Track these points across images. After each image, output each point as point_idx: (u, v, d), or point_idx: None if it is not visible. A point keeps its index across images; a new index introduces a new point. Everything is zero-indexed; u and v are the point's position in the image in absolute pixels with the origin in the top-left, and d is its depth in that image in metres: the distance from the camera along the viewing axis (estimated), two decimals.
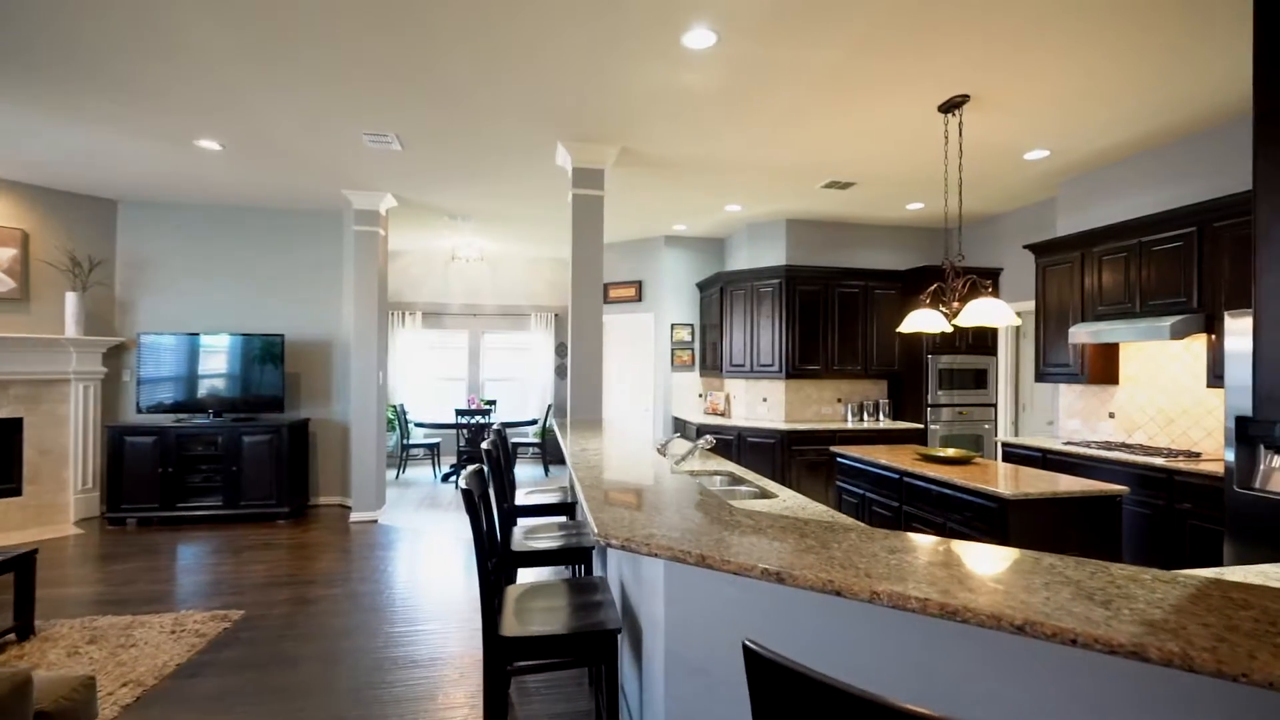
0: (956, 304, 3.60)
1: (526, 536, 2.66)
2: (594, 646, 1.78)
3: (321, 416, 6.19)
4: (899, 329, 3.90)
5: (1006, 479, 3.04)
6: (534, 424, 7.81)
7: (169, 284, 5.94)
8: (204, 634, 3.23)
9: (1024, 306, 5.63)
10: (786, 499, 2.56)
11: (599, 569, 2.94)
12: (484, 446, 2.56)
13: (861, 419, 6.27)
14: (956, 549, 1.28)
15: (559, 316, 8.97)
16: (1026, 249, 5.00)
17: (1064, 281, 4.64)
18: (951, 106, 3.57)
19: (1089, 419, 4.73)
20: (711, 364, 6.86)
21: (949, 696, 1.20)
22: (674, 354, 7.19)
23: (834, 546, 1.28)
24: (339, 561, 4.47)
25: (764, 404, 6.49)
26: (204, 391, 5.75)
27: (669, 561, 1.44)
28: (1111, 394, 4.55)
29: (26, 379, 5.14)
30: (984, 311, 3.24)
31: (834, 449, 4.25)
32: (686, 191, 5.40)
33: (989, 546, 1.29)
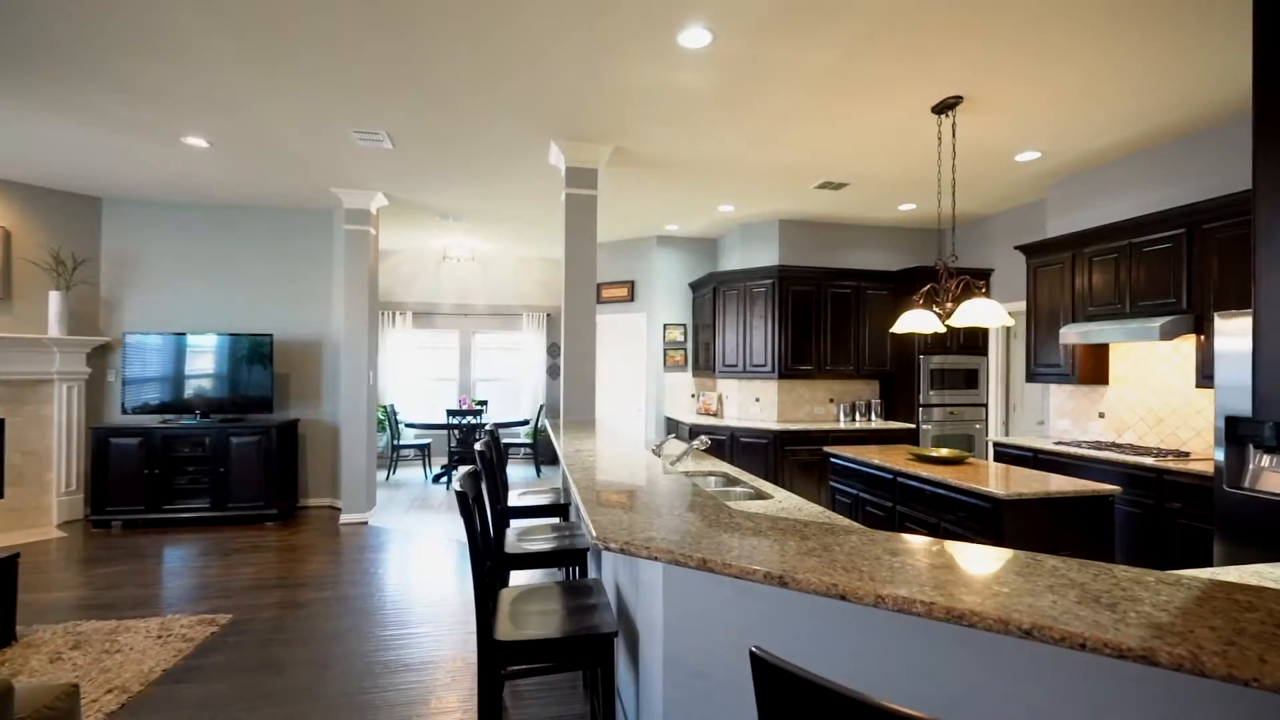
0: (950, 304, 3.61)
1: (520, 539, 2.64)
2: (590, 650, 1.76)
3: (311, 417, 6.12)
4: (892, 329, 3.91)
5: (1000, 479, 3.05)
6: (526, 424, 7.77)
7: (155, 283, 5.85)
8: (191, 638, 3.17)
9: (1014, 307, 5.67)
10: (782, 500, 2.55)
11: (594, 571, 2.92)
12: (477, 448, 2.53)
13: (854, 419, 6.28)
14: (958, 551, 1.27)
15: (551, 316, 8.94)
16: (1017, 250, 5.03)
17: (1055, 282, 4.67)
18: (945, 108, 3.58)
19: (1079, 419, 4.76)
20: (704, 364, 6.85)
21: (951, 699, 1.19)
22: (666, 354, 7.18)
23: (836, 549, 1.27)
24: (329, 564, 4.42)
25: (757, 404, 6.49)
26: (191, 392, 5.66)
27: (668, 565, 1.42)
28: (1101, 394, 4.59)
29: (8, 379, 5.05)
30: (977, 312, 3.25)
31: (828, 449, 4.25)
32: (680, 192, 5.39)
33: (990, 548, 1.28)
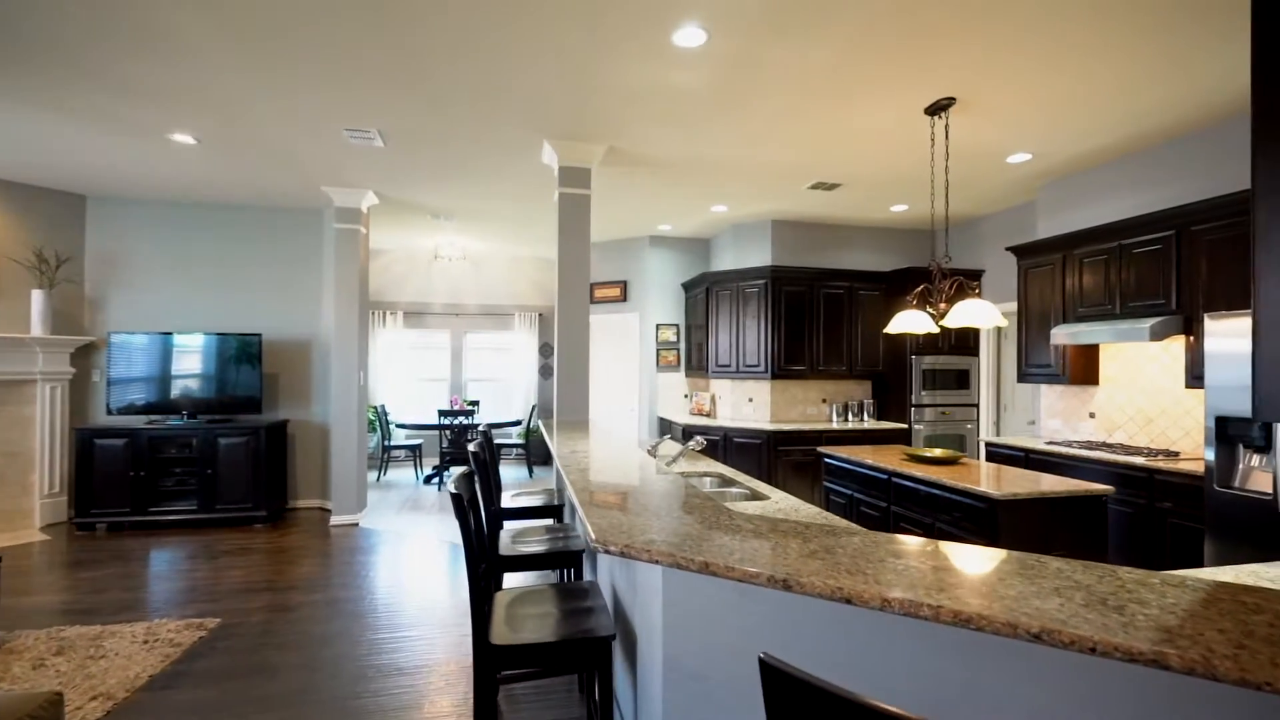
0: (944, 305, 3.62)
1: (514, 540, 2.61)
2: (587, 653, 1.74)
3: (301, 418, 6.06)
4: (885, 329, 3.91)
5: (994, 479, 3.06)
6: (518, 425, 7.73)
7: (141, 282, 5.76)
8: (178, 643, 3.12)
9: (1005, 308, 5.70)
10: (779, 501, 2.54)
11: (589, 573, 2.89)
12: (471, 449, 2.51)
13: (846, 419, 6.30)
14: (961, 552, 1.26)
15: (543, 316, 8.90)
16: (1008, 251, 5.05)
17: (1045, 283, 4.70)
18: (938, 109, 3.58)
19: (1070, 419, 4.80)
20: (697, 364, 6.84)
21: (952, 699, 1.18)
22: (659, 354, 7.16)
23: (838, 552, 1.25)
24: (319, 566, 4.37)
25: (749, 404, 6.49)
26: (178, 392, 5.58)
27: (668, 567, 1.41)
28: (1092, 394, 4.62)
29: None
30: (971, 312, 3.26)
31: (822, 449, 4.25)
32: (673, 191, 5.37)
33: (993, 550, 1.28)
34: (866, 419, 6.34)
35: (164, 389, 5.55)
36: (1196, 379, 3.63)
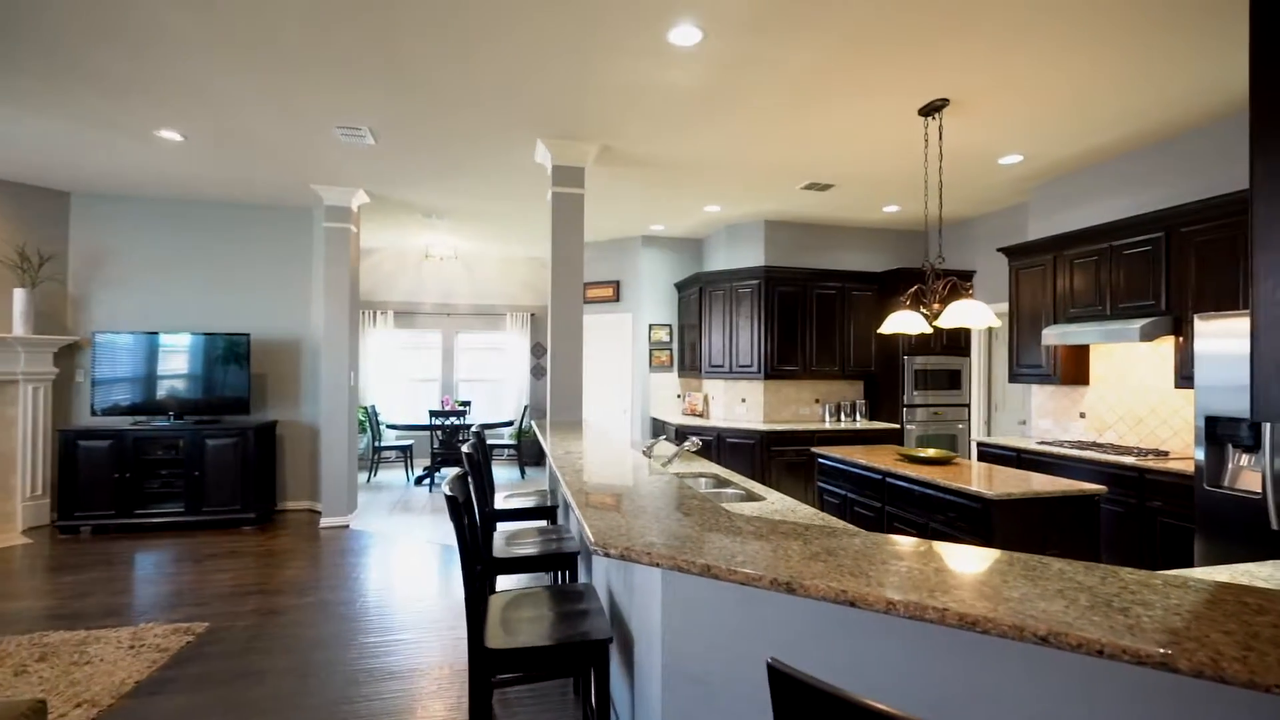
0: (937, 305, 3.63)
1: (509, 542, 2.59)
2: (584, 657, 1.72)
3: (290, 418, 5.99)
4: (879, 330, 3.92)
5: (989, 479, 3.07)
6: (510, 425, 7.69)
7: (126, 281, 5.67)
8: (165, 648, 3.06)
9: (997, 308, 5.73)
10: (775, 502, 2.53)
11: (584, 575, 2.87)
12: (465, 450, 2.48)
13: (839, 419, 6.31)
14: (962, 554, 1.25)
15: (535, 316, 8.86)
16: (1000, 252, 5.08)
17: (1036, 284, 4.73)
18: (931, 110, 3.59)
19: (1061, 419, 4.83)
20: (690, 365, 6.84)
21: (956, 703, 1.17)
22: (652, 354, 7.15)
23: (840, 554, 1.24)
24: (309, 569, 4.31)
25: (742, 404, 6.49)
26: (164, 393, 5.50)
27: (667, 570, 1.39)
28: (1082, 394, 4.65)
29: None
30: (965, 313, 3.27)
31: (815, 450, 4.25)
32: (666, 191, 5.36)
33: (993, 551, 1.27)
34: (859, 419, 6.36)
35: (150, 389, 5.47)
36: (1186, 379, 3.67)
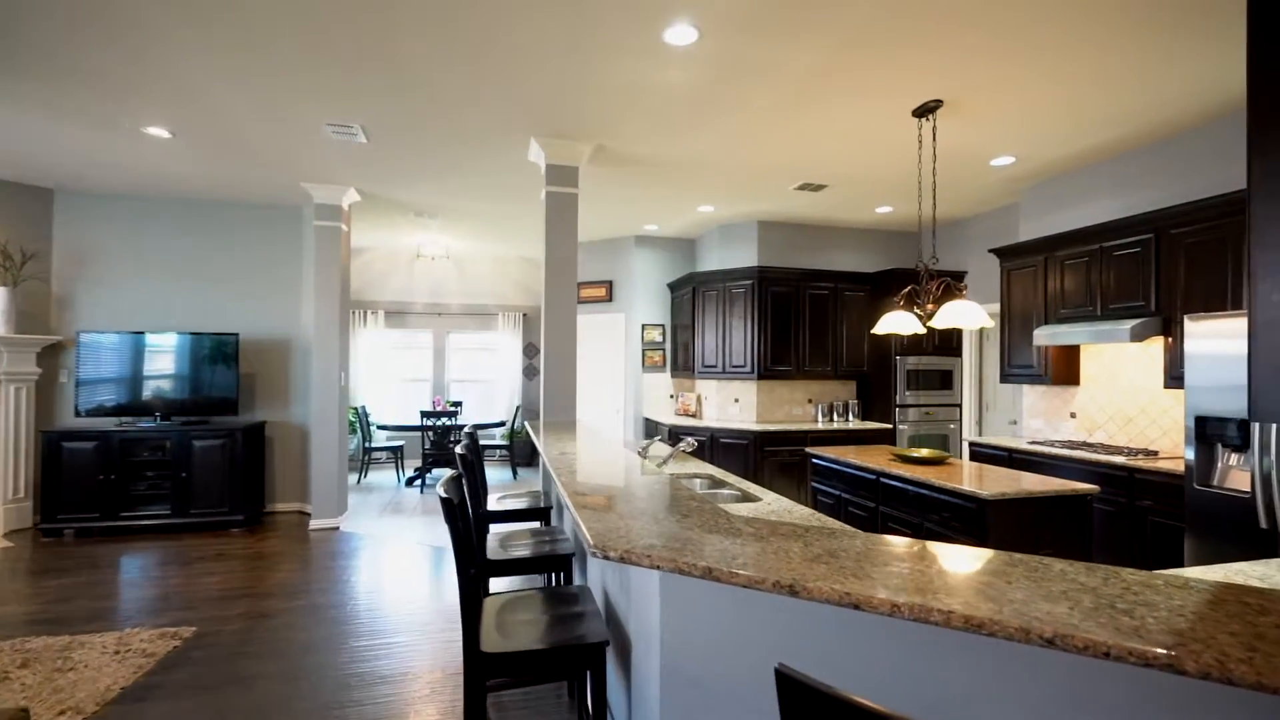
0: (931, 306, 3.64)
1: (502, 544, 2.57)
2: (581, 660, 1.70)
3: (279, 419, 5.92)
4: (873, 330, 3.92)
5: (982, 479, 3.08)
6: (502, 426, 7.64)
7: (111, 280, 5.58)
8: (151, 654, 3.01)
9: (988, 309, 5.76)
10: (770, 502, 2.52)
11: (578, 576, 2.85)
12: (458, 450, 2.45)
13: (832, 419, 6.32)
14: (963, 555, 1.25)
15: (528, 316, 8.82)
16: (991, 253, 5.11)
17: (1028, 285, 4.76)
18: (925, 111, 3.60)
19: (1052, 419, 4.86)
20: (683, 365, 6.83)
21: (958, 703, 1.16)
22: (645, 355, 7.13)
23: (842, 556, 1.23)
24: (298, 572, 4.26)
25: (736, 405, 6.49)
26: (150, 393, 5.42)
27: (666, 572, 1.37)
28: (1073, 394, 4.69)
29: None
30: (959, 313, 3.27)
31: (810, 450, 4.25)
32: (660, 191, 5.35)
33: (995, 552, 1.27)
34: (852, 419, 6.38)
35: (136, 390, 5.39)
36: (1175, 379, 3.70)
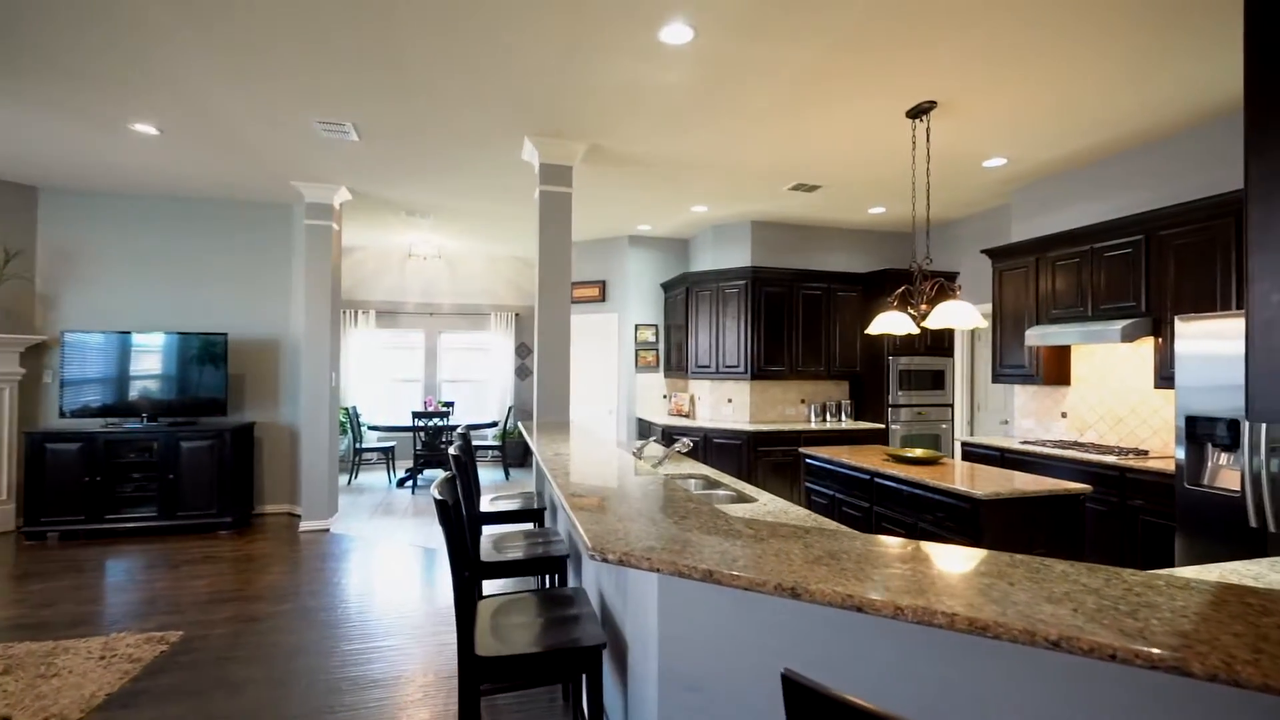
0: (924, 306, 3.65)
1: (496, 546, 2.54)
2: (577, 663, 1.68)
3: (268, 420, 5.85)
4: (867, 330, 3.93)
5: (976, 479, 3.08)
6: (494, 426, 7.60)
7: (97, 278, 5.50)
8: (138, 659, 2.96)
9: (980, 309, 5.79)
10: (766, 503, 2.51)
11: (573, 578, 2.83)
12: (451, 451, 2.43)
13: (824, 419, 6.33)
14: (964, 556, 1.24)
15: (520, 316, 8.79)
16: (983, 254, 5.13)
17: (1019, 285, 4.78)
18: (919, 112, 3.61)
19: (1043, 419, 4.89)
20: (676, 365, 6.82)
21: (958, 704, 1.16)
22: (638, 355, 7.12)
23: (842, 557, 1.22)
24: (288, 574, 4.21)
25: (729, 405, 6.49)
26: (136, 394, 5.34)
27: (665, 575, 1.36)
28: (1064, 394, 4.71)
29: None
30: (952, 314, 3.28)
31: (803, 450, 4.26)
32: (654, 191, 5.34)
33: (995, 553, 1.26)
34: (844, 419, 6.39)
35: (122, 390, 5.31)
36: (1165, 379, 3.73)
